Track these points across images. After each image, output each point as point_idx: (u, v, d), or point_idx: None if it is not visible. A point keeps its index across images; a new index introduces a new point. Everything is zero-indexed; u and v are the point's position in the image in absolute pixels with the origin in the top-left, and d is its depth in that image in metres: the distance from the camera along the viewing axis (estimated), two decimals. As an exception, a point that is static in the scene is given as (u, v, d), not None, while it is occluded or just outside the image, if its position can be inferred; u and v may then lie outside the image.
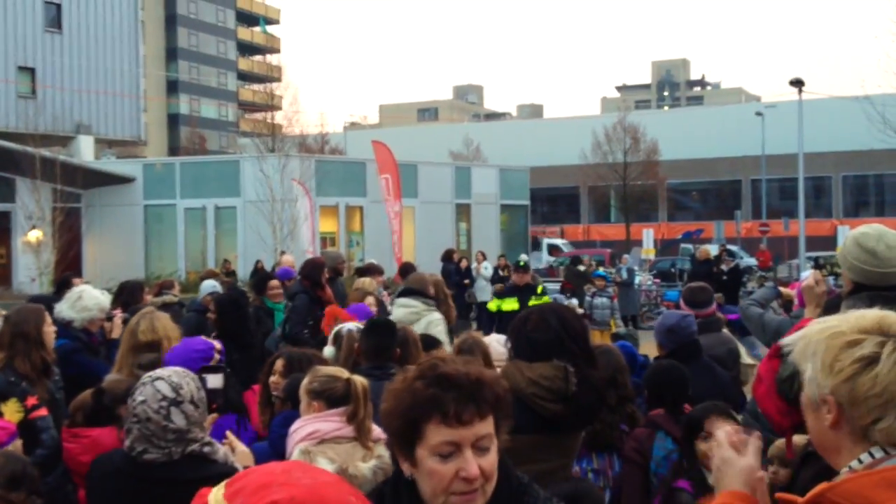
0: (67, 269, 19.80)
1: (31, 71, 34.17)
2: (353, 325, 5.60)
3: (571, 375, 3.12)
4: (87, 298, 5.99)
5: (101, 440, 4.25)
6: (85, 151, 32.51)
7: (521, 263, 9.95)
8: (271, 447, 3.97)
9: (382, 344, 4.59)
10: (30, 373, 4.92)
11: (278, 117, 41.60)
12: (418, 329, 5.85)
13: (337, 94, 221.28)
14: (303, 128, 34.84)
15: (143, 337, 4.89)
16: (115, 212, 27.74)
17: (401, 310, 6.94)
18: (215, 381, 3.45)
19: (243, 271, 22.66)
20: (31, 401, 4.71)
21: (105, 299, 6.12)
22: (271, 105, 43.11)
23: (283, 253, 16.14)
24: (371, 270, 10.26)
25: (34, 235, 24.36)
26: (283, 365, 4.30)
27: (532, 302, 9.26)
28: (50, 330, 5.15)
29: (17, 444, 4.13)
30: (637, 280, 20.97)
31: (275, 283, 8.71)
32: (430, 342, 5.93)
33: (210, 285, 8.86)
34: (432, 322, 6.64)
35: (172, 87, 66.07)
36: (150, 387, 2.87)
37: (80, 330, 5.87)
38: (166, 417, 2.82)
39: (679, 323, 5.01)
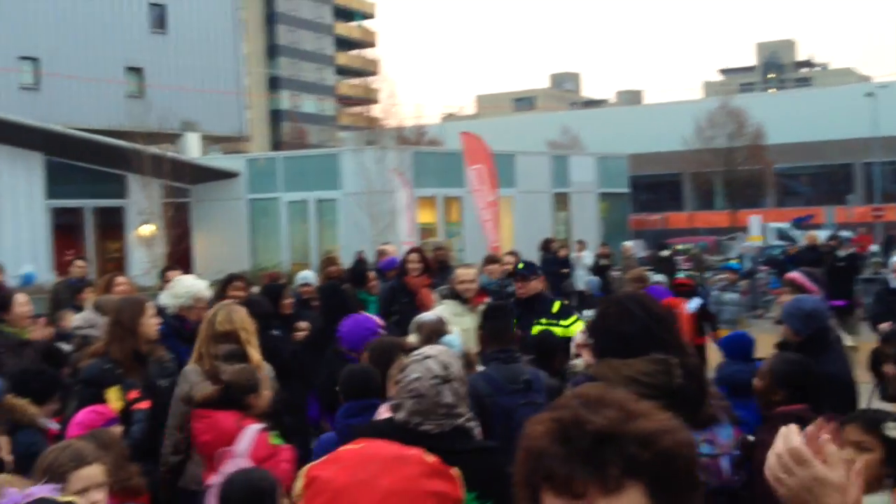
0: (178, 262, 20.42)
1: (139, 71, 35.37)
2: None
3: (675, 367, 2.97)
4: (179, 286, 6.20)
5: (221, 422, 4.46)
6: (192, 148, 33.48)
7: (521, 266, 7.18)
8: (338, 437, 4.02)
9: (502, 327, 4.70)
10: (122, 360, 5.11)
11: (376, 110, 41.98)
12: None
13: (434, 85, 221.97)
14: (400, 120, 35.04)
15: (221, 327, 5.01)
16: (221, 206, 28.48)
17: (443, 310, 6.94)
18: None
19: (345, 263, 22.95)
20: (133, 394, 4.92)
21: (200, 287, 6.29)
22: (368, 98, 43.48)
23: (385, 244, 16.26)
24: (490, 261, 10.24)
25: (147, 230, 25.21)
26: (367, 357, 4.32)
27: (540, 327, 6.42)
28: (149, 322, 5.30)
29: (116, 430, 4.30)
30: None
31: (372, 274, 9.00)
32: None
33: (304, 276, 9.19)
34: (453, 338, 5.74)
35: (274, 84, 67.49)
36: (421, 364, 3.01)
37: (173, 316, 6.06)
38: (438, 394, 2.95)
39: (818, 307, 4.83)
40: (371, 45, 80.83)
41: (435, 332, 5.19)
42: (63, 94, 33.16)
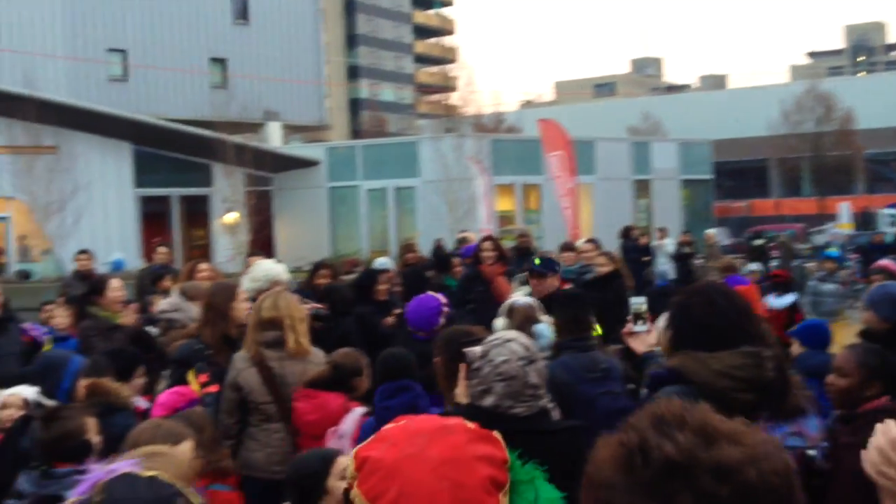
0: (260, 249, 20.80)
1: (223, 62, 36.08)
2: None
3: (768, 360, 2.93)
4: (258, 270, 6.36)
5: (328, 403, 4.55)
6: (273, 137, 34.02)
7: (538, 262, 6.48)
8: (376, 420, 4.14)
9: (579, 316, 4.66)
10: (213, 343, 5.24)
11: (454, 98, 41.98)
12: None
13: (512, 72, 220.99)
14: (478, 108, 35.00)
15: (266, 314, 5.03)
16: (302, 194, 28.88)
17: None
18: None
19: (423, 251, 23.07)
20: (203, 378, 5.02)
21: (278, 271, 6.42)
22: (447, 86, 43.46)
23: (464, 231, 16.31)
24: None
25: (231, 217, 25.73)
26: (439, 347, 4.36)
27: None
28: (241, 306, 5.42)
29: (198, 411, 4.41)
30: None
31: (457, 260, 9.09)
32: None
33: (381, 262, 9.44)
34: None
35: (353, 73, 68.07)
36: (505, 347, 3.00)
37: (252, 300, 6.21)
38: (526, 375, 2.95)
39: None
40: (449, 32, 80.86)
41: (527, 319, 5.15)
42: (150, 85, 34.02)
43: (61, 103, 24.47)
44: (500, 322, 5.27)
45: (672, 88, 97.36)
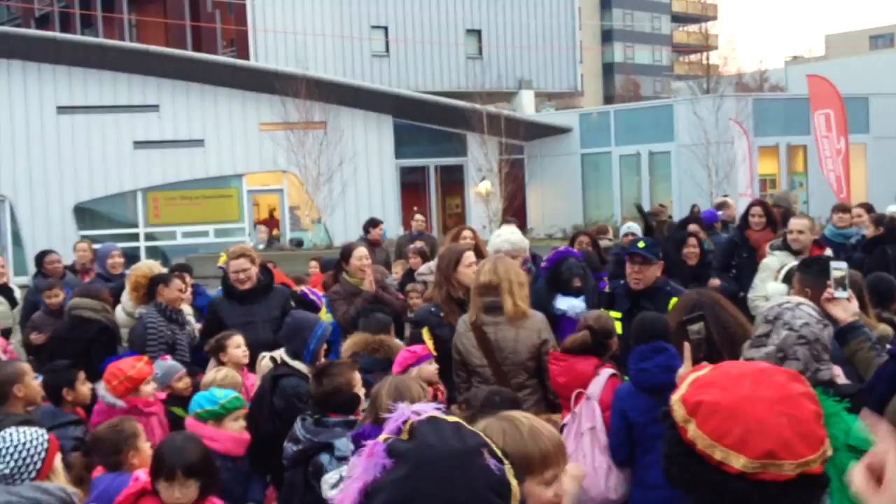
0: (513, 216, 21.17)
1: (478, 33, 36.75)
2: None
3: None
4: (494, 235, 6.61)
5: (575, 366, 4.70)
6: (526, 105, 34.29)
7: (642, 245, 5.43)
8: (633, 382, 4.35)
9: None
10: (442, 303, 5.52)
11: (713, 57, 40.26)
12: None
13: (777, 26, 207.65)
14: (739, 66, 33.38)
15: (484, 278, 5.07)
16: (554, 161, 28.96)
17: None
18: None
19: (678, 216, 22.45)
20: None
21: (501, 241, 6.55)
22: (706, 45, 41.75)
23: (724, 196, 15.70)
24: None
25: (484, 186, 26.33)
26: (681, 306, 4.29)
27: None
28: (465, 270, 5.67)
29: (428, 369, 4.65)
30: None
31: (693, 227, 9.21)
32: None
33: (628, 227, 9.83)
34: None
35: (607, 36, 66.97)
36: (800, 310, 2.94)
37: None
38: (825, 338, 2.90)
39: None
40: (708, -12, 77.44)
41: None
42: (409, 59, 35.34)
43: (330, 81, 26.05)
44: (779, 286, 5.03)
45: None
